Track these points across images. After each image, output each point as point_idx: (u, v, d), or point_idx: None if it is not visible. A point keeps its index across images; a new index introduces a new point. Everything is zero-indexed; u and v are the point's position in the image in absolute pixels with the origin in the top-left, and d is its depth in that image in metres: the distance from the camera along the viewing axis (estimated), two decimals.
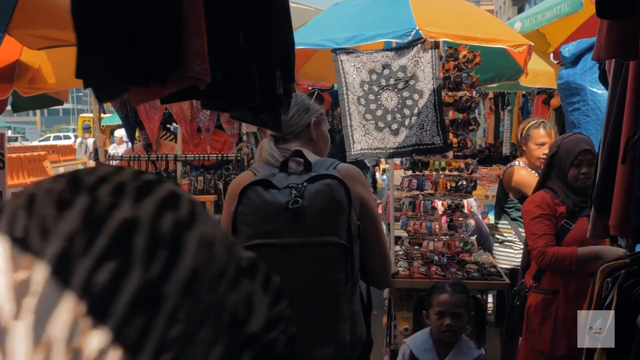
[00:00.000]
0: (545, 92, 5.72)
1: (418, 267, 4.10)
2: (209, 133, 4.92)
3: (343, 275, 1.64)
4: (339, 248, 1.65)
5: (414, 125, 3.38)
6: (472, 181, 4.10)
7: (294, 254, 1.64)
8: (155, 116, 4.95)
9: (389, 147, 3.41)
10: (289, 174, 1.78)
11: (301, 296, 1.61)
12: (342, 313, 1.64)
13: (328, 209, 1.66)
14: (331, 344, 1.62)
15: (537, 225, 3.37)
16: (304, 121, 1.99)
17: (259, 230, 1.68)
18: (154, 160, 4.94)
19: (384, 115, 3.42)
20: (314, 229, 1.64)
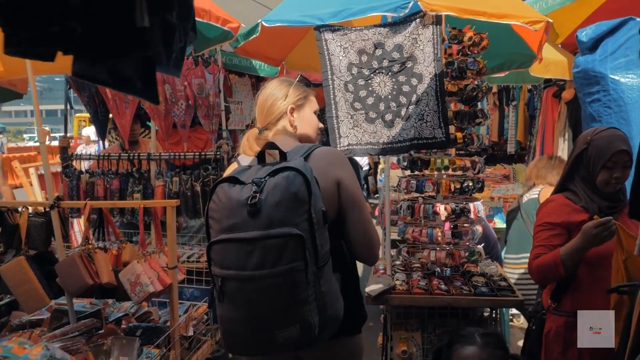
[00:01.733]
0: (555, 84, 5.04)
1: (418, 280, 3.44)
2: (185, 129, 4.27)
3: (301, 262, 1.66)
4: (295, 238, 1.66)
5: (411, 115, 2.72)
6: (479, 182, 3.44)
7: (254, 247, 1.66)
8: (126, 111, 4.31)
9: (382, 142, 2.75)
10: (263, 165, 1.81)
11: (263, 284, 1.65)
12: (303, 297, 1.67)
13: (284, 202, 1.67)
14: (293, 326, 1.67)
15: (537, 235, 2.74)
16: (282, 109, 1.99)
17: (224, 226, 1.72)
18: (126, 159, 4.29)
19: (376, 104, 2.76)
20: (270, 221, 1.66)
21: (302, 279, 1.66)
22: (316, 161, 1.85)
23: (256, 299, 1.67)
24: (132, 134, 4.81)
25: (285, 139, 1.96)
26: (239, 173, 1.79)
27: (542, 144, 5.08)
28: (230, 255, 1.68)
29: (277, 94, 2.01)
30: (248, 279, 1.65)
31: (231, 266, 1.68)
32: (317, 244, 1.69)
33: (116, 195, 4.24)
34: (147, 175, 4.27)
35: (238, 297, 1.69)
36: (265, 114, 2.01)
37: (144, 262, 2.82)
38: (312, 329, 1.69)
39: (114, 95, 4.25)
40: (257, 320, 1.69)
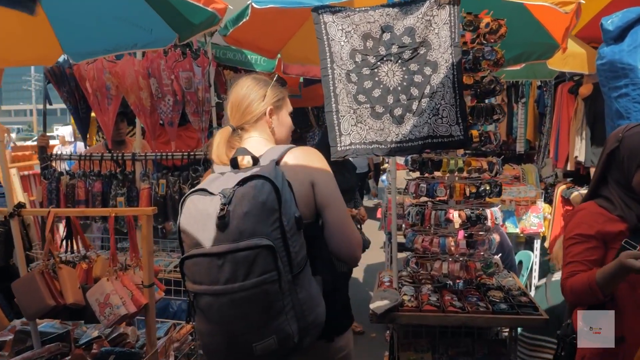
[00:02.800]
0: (572, 78, 4.59)
1: (428, 295, 3.00)
2: (172, 127, 3.83)
3: (274, 273, 1.59)
4: (265, 249, 1.58)
5: (425, 110, 2.27)
6: (496, 185, 3.00)
7: (224, 260, 1.59)
8: (109, 107, 3.87)
9: (390, 140, 2.31)
10: (236, 172, 1.73)
11: (235, 298, 1.59)
12: (278, 308, 1.60)
13: (252, 212, 1.59)
14: (269, 337, 1.61)
15: (568, 249, 2.29)
16: (260, 110, 1.89)
17: (195, 240, 1.65)
18: (109, 159, 3.85)
19: (383, 97, 2.31)
20: (240, 233, 1.59)
21: (275, 289, 1.60)
22: (289, 163, 1.79)
23: (229, 313, 1.60)
24: (117, 132, 4.38)
25: (260, 142, 1.89)
26: (209, 183, 1.73)
27: (557, 143, 4.64)
28: (202, 271, 1.62)
29: (255, 94, 1.90)
30: (220, 293, 1.60)
31: (203, 281, 1.62)
32: (290, 252, 1.63)
33: (98, 198, 3.81)
34: (132, 177, 3.83)
35: (212, 312, 1.63)
36: (242, 114, 1.89)
37: (115, 279, 2.38)
38: (290, 339, 1.63)
39: (95, 90, 3.81)
40: (232, 334, 1.63)
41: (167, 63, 3.66)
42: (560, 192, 4.55)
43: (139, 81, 3.70)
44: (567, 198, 4.43)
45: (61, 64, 3.88)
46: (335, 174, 1.87)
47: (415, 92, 2.28)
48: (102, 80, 3.79)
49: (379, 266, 6.41)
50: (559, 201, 4.55)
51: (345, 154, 2.35)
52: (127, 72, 3.70)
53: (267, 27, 3.25)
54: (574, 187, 4.45)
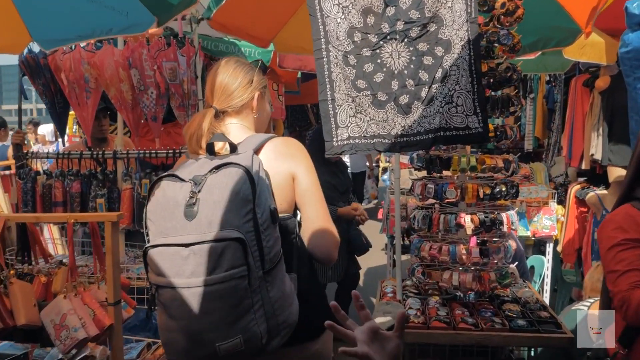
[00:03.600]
0: (588, 70, 4.18)
1: (436, 310, 2.61)
2: (156, 122, 3.43)
3: (243, 268, 1.44)
4: (235, 242, 1.44)
5: (436, 97, 1.88)
6: (513, 186, 2.60)
7: (189, 252, 1.44)
8: (88, 101, 3.47)
9: (395, 133, 1.91)
10: (212, 158, 1.59)
11: (199, 293, 1.44)
12: (245, 306, 1.46)
13: (224, 201, 1.45)
14: (235, 337, 1.45)
15: (619, 257, 1.91)
16: (247, 95, 1.75)
17: (161, 228, 1.51)
18: (89, 157, 3.45)
19: (386, 82, 1.91)
20: (209, 223, 1.45)
21: (244, 286, 1.46)
22: (269, 153, 1.65)
23: (192, 309, 1.45)
24: (99, 129, 3.98)
25: (240, 128, 1.76)
26: (181, 169, 1.58)
27: (571, 140, 4.25)
28: (165, 262, 1.47)
29: (242, 77, 1.76)
30: (183, 287, 1.45)
31: (166, 273, 1.47)
32: (263, 247, 1.49)
33: (77, 199, 3.42)
34: (113, 177, 3.44)
35: (174, 307, 1.47)
36: (228, 97, 1.74)
37: (74, 296, 1.99)
38: (257, 340, 1.48)
39: (73, 82, 3.41)
40: (194, 332, 1.47)
41: (149, 52, 3.26)
42: (574, 192, 4.15)
43: (119, 72, 3.30)
44: (582, 199, 4.03)
45: (36, 54, 3.49)
46: (329, 175, 1.60)
47: (424, 77, 1.88)
48: (80, 72, 3.39)
49: (380, 269, 6.01)
50: (572, 202, 4.15)
51: (343, 149, 1.95)
52: (106, 63, 3.30)
53: (257, 12, 2.87)
54: (589, 187, 4.04)
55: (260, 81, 1.80)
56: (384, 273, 5.50)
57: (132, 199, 3.36)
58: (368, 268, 6.09)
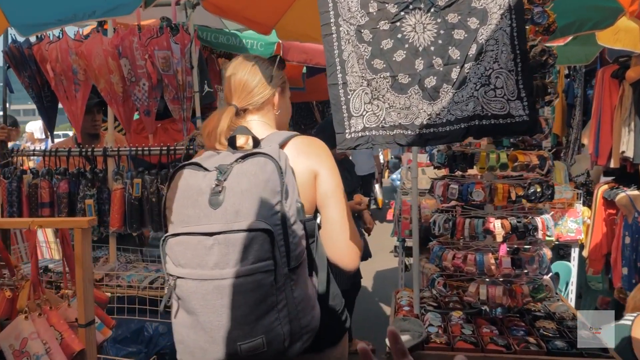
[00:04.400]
0: (616, 61, 3.79)
1: (460, 327, 2.24)
2: (150, 117, 3.09)
3: (270, 262, 1.34)
4: (263, 233, 1.33)
5: (470, 79, 1.51)
6: (549, 187, 2.23)
7: (214, 242, 1.34)
8: (77, 94, 3.14)
9: (419, 123, 1.54)
10: (234, 151, 1.50)
11: (223, 286, 1.33)
12: (270, 304, 1.34)
13: (252, 190, 1.36)
14: (258, 336, 1.34)
15: None
16: (268, 91, 1.65)
17: (182, 217, 1.42)
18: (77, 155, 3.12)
19: (409, 61, 1.55)
20: (235, 213, 1.35)
21: (270, 281, 1.34)
22: (292, 151, 1.54)
23: (215, 303, 1.33)
24: (92, 124, 3.65)
25: (262, 125, 1.66)
26: (204, 159, 1.51)
27: (597, 135, 3.86)
28: (187, 251, 1.36)
29: (262, 74, 1.66)
30: (206, 279, 1.33)
31: (187, 264, 1.36)
32: (289, 242, 1.38)
33: (64, 200, 3.08)
34: (103, 176, 3.10)
35: (194, 300, 1.35)
36: (248, 94, 1.65)
37: (37, 316, 1.64)
38: (280, 342, 1.36)
39: (60, 74, 3.07)
40: (214, 329, 1.33)
41: (140, 41, 2.92)
42: (601, 193, 3.77)
43: (108, 62, 2.96)
44: (611, 200, 3.65)
45: (20, 44, 3.15)
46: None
47: (455, 54, 1.52)
48: (68, 63, 3.06)
49: (389, 273, 5.65)
50: (600, 204, 3.77)
51: (357, 143, 1.59)
52: (95, 52, 2.96)
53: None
54: (618, 187, 3.66)
55: (280, 77, 1.71)
56: (393, 278, 5.14)
57: (124, 200, 3.03)
58: (377, 272, 5.73)
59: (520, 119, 1.50)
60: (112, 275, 2.95)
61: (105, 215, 3.06)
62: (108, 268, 3.06)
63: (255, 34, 4.35)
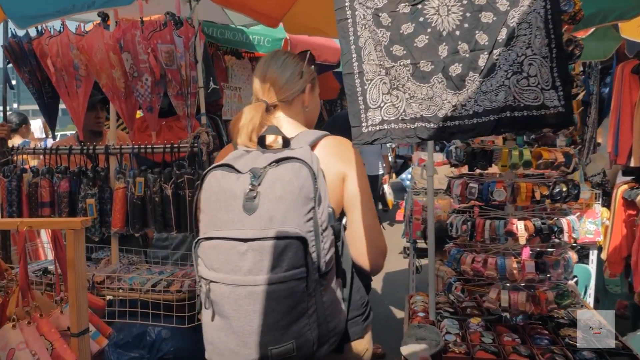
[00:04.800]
0: (637, 56, 3.62)
1: (479, 336, 2.08)
2: (152, 114, 2.95)
3: (303, 270, 1.34)
4: (297, 241, 1.33)
5: (500, 66, 1.36)
6: (575, 186, 2.06)
7: (248, 248, 1.34)
8: (79, 90, 3.01)
9: (443, 115, 1.39)
10: (264, 151, 1.49)
11: (256, 292, 1.33)
12: (302, 310, 1.35)
13: (286, 197, 1.36)
14: (288, 341, 1.35)
15: None
16: (298, 87, 1.63)
17: (215, 220, 1.41)
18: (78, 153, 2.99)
19: (432, 47, 1.40)
20: (270, 219, 1.35)
21: (302, 288, 1.34)
22: (322, 152, 1.51)
23: (247, 309, 1.33)
24: (96, 121, 3.54)
25: (291, 123, 1.63)
26: (234, 159, 1.46)
27: (617, 134, 3.70)
28: (221, 256, 1.36)
29: (292, 69, 1.63)
30: (239, 284, 1.33)
31: (221, 268, 1.35)
32: (320, 249, 1.37)
33: (65, 200, 2.95)
34: (105, 175, 2.96)
35: (226, 304, 1.35)
36: (279, 90, 1.62)
37: (26, 325, 1.50)
38: (309, 346, 1.36)
39: (61, 69, 2.94)
40: (246, 333, 1.34)
41: (143, 34, 2.78)
42: (621, 193, 3.60)
43: (109, 57, 2.82)
44: (631, 200, 3.48)
45: (20, 39, 3.02)
46: None
47: (482, 39, 1.37)
48: (69, 58, 2.92)
49: (399, 275, 5.48)
50: (619, 204, 3.60)
51: (374, 137, 1.44)
52: (96, 46, 2.83)
53: None
54: (639, 187, 3.49)
55: (310, 73, 1.67)
56: (403, 280, 4.99)
57: (126, 200, 2.88)
58: (386, 274, 5.57)
59: (555, 110, 1.34)
60: (114, 277, 2.81)
61: (107, 215, 2.93)
62: (110, 270, 2.92)
63: (262, 29, 4.22)
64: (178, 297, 2.62)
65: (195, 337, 2.75)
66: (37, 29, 2.97)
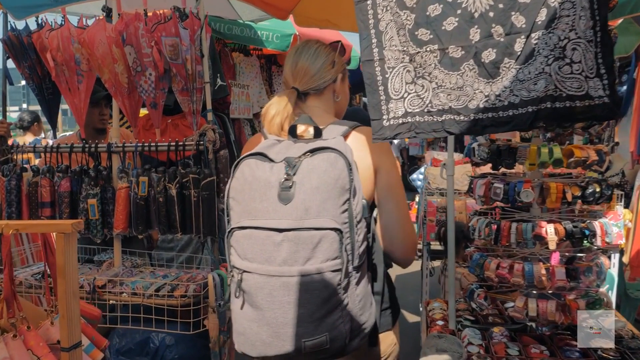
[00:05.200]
0: None
1: (504, 347, 1.91)
2: (157, 110, 2.80)
3: (338, 261, 1.32)
4: (333, 232, 1.31)
5: (539, 51, 1.20)
6: (609, 187, 1.89)
7: (284, 238, 1.31)
8: (80, 85, 2.86)
9: (475, 107, 1.23)
10: (295, 141, 1.47)
11: (291, 283, 1.31)
12: (335, 302, 1.33)
13: (322, 188, 1.33)
14: (322, 334, 1.32)
15: None
16: (330, 77, 1.61)
17: (249, 209, 1.39)
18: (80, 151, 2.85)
19: (462, 31, 1.24)
20: (306, 209, 1.32)
21: (336, 280, 1.31)
22: (355, 143, 1.48)
23: (281, 300, 1.31)
24: (99, 119, 3.41)
25: (322, 113, 1.58)
26: (267, 148, 1.44)
27: (639, 133, 3.52)
28: (255, 246, 1.34)
29: (325, 58, 1.59)
30: (273, 275, 1.31)
31: (255, 258, 1.33)
32: (355, 241, 1.35)
33: (65, 200, 2.81)
34: (107, 174, 2.82)
35: (260, 295, 1.33)
36: (310, 78, 1.58)
37: (12, 338, 1.35)
38: (342, 339, 1.34)
39: (62, 64, 2.80)
40: (279, 325, 1.32)
41: (146, 26, 2.63)
42: None
43: (112, 50, 2.68)
44: None
45: (19, 32, 2.88)
46: None
47: (519, 21, 1.21)
48: (70, 52, 2.78)
49: (410, 277, 5.31)
50: None
51: (397, 131, 1.29)
52: (98, 39, 2.68)
53: None
54: None
55: (342, 63, 1.64)
56: (415, 283, 4.83)
57: (129, 200, 2.74)
58: (397, 276, 5.40)
59: (600, 101, 1.17)
60: (116, 281, 2.67)
61: (110, 216, 2.78)
62: (112, 273, 2.78)
63: (271, 25, 4.07)
64: (182, 302, 2.49)
65: (200, 343, 2.61)
66: (37, 22, 2.84)
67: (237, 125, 4.48)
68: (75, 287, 1.35)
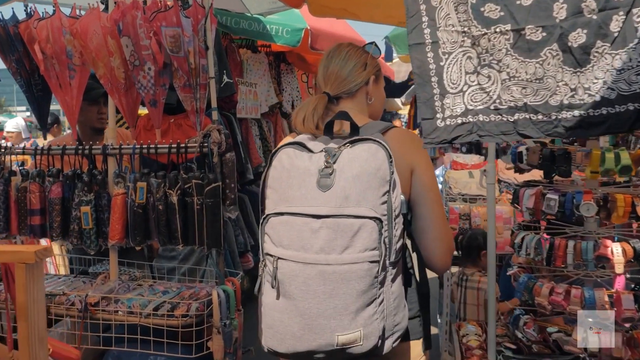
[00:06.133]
0: None
1: None
2: (156, 108, 2.53)
3: (376, 253, 1.28)
4: (372, 222, 1.28)
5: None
6: None
7: (322, 225, 1.29)
8: (72, 81, 2.59)
9: (557, 104, 0.95)
10: (332, 137, 1.45)
11: (327, 272, 1.28)
12: (371, 296, 1.28)
13: (363, 176, 1.32)
14: (356, 329, 1.28)
15: None
16: (362, 79, 1.60)
17: (286, 196, 1.37)
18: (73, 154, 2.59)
19: (543, 7, 0.95)
20: (345, 197, 1.30)
21: (374, 272, 1.28)
22: (392, 143, 1.39)
23: (316, 289, 1.27)
24: (98, 118, 3.17)
25: (356, 115, 1.52)
26: (305, 140, 1.42)
27: None
28: (291, 232, 1.31)
29: (356, 61, 1.59)
30: (309, 262, 1.28)
31: (290, 245, 1.30)
32: (392, 235, 1.32)
33: (56, 207, 2.53)
34: (102, 179, 2.54)
35: (293, 283, 1.29)
36: (342, 81, 1.58)
37: None
38: (375, 337, 1.29)
39: (51, 58, 2.53)
40: (313, 316, 1.27)
41: (145, 15, 2.36)
42: None
43: (107, 42, 2.41)
44: None
45: (5, 22, 2.62)
46: None
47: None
48: (61, 44, 2.51)
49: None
50: None
51: (455, 134, 1.01)
52: (91, 30, 2.41)
53: None
54: None
55: (375, 65, 1.63)
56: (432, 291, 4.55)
57: (126, 208, 2.47)
58: None
59: None
60: (110, 298, 2.40)
61: (105, 224, 2.50)
62: (107, 289, 2.50)
63: (280, 19, 3.80)
64: (184, 323, 2.25)
65: None
66: (26, 11, 2.58)
67: (244, 126, 4.20)
68: (41, 331, 1.06)
